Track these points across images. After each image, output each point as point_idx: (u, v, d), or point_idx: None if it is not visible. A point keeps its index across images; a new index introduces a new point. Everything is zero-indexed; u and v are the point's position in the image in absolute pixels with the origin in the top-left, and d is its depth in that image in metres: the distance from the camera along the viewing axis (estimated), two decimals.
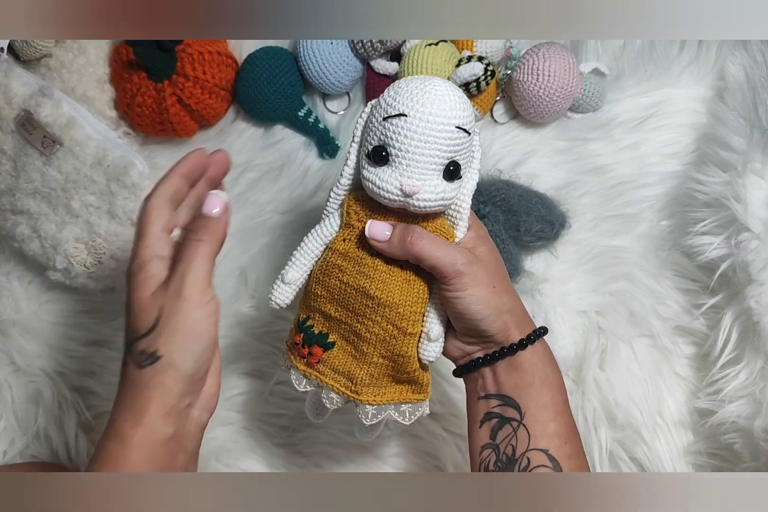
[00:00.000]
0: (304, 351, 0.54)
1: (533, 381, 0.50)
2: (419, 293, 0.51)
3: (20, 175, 0.73)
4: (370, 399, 0.52)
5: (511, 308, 0.51)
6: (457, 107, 0.47)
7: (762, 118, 0.67)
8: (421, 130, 0.47)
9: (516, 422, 0.50)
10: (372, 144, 0.49)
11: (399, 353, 0.52)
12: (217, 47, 0.75)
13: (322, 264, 0.52)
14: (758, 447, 0.61)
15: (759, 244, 0.62)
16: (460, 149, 0.48)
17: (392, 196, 0.48)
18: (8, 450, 0.75)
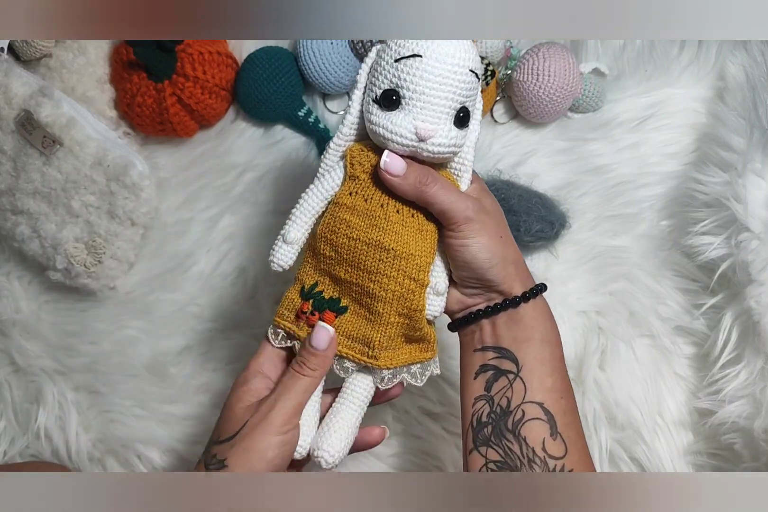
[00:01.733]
0: (313, 318, 0.50)
1: (533, 335, 0.50)
2: (432, 243, 0.50)
3: (20, 174, 0.73)
4: (387, 363, 0.50)
5: (515, 260, 0.51)
6: (470, 50, 0.47)
7: (762, 118, 0.67)
8: (438, 70, 0.46)
9: (513, 374, 0.49)
10: (381, 88, 0.47)
11: (416, 308, 0.49)
12: (217, 47, 0.75)
13: (328, 221, 0.49)
14: (758, 448, 0.61)
15: (759, 244, 0.62)
16: (472, 95, 0.48)
17: (405, 141, 0.47)
18: (8, 450, 0.76)
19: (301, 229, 0.51)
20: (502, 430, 0.48)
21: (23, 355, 0.76)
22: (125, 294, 0.77)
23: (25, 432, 0.76)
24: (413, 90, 0.46)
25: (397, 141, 0.47)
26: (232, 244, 0.77)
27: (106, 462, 0.75)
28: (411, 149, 0.47)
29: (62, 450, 0.75)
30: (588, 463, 0.49)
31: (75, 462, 0.75)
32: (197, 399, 0.75)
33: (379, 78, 0.47)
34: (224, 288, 0.76)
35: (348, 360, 0.51)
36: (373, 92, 0.48)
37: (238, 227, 0.77)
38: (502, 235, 0.50)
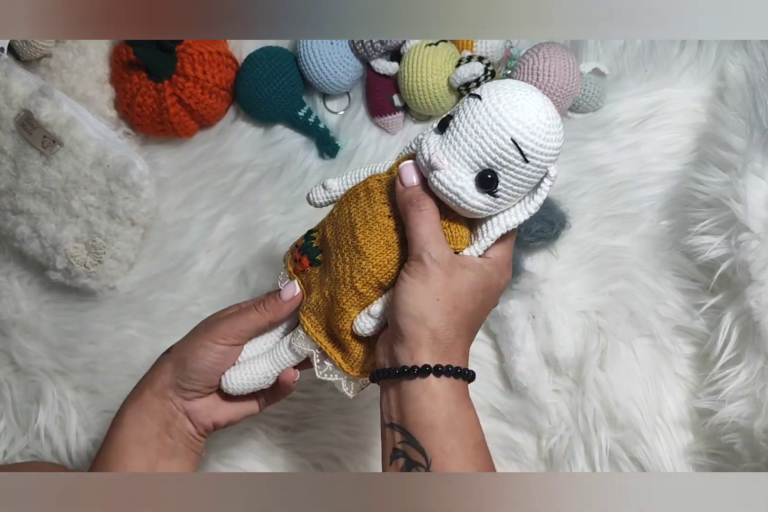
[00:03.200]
0: (297, 255, 0.56)
1: (434, 421, 0.46)
2: (389, 262, 0.50)
3: (20, 174, 0.73)
4: (308, 324, 0.53)
5: (438, 330, 0.46)
6: (528, 124, 0.44)
7: (762, 118, 0.67)
8: (480, 117, 0.45)
9: (423, 468, 0.45)
10: (449, 112, 0.48)
11: (338, 300, 0.51)
12: (217, 47, 0.75)
13: (350, 190, 0.54)
14: (758, 448, 0.61)
15: (759, 244, 0.62)
16: (506, 166, 0.46)
17: (422, 160, 0.48)
18: (8, 450, 0.76)
19: (341, 183, 0.56)
20: None
21: (23, 355, 0.76)
22: (125, 294, 0.77)
23: (25, 432, 0.76)
24: (456, 123, 0.46)
25: (418, 157, 0.48)
26: (232, 244, 0.77)
27: None
28: (425, 171, 0.48)
29: (62, 450, 0.75)
30: None
31: (75, 462, 0.75)
32: None
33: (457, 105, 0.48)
34: (224, 288, 0.76)
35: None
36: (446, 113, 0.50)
37: (238, 227, 0.77)
38: (440, 299, 0.47)
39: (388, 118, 0.76)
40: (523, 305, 0.71)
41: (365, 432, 0.72)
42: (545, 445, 0.70)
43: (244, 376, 0.55)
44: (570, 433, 0.69)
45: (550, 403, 0.70)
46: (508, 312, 0.71)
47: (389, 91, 0.75)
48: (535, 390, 0.69)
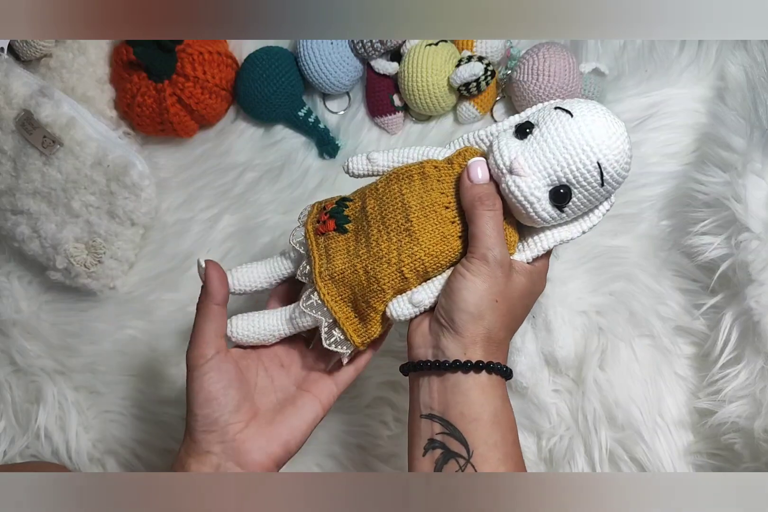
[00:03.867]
0: (323, 216, 0.54)
1: (481, 415, 0.47)
2: (441, 253, 0.50)
3: (20, 175, 0.73)
4: (324, 291, 0.52)
5: (493, 329, 0.48)
6: (614, 150, 0.46)
7: (762, 118, 0.67)
8: (570, 133, 0.46)
9: (463, 459, 0.46)
10: (528, 118, 0.49)
11: (378, 278, 0.51)
12: (217, 47, 0.75)
13: (402, 169, 0.53)
14: (758, 448, 0.61)
15: (759, 244, 0.62)
16: (583, 185, 0.47)
17: (500, 162, 0.48)
18: (8, 450, 0.76)
19: (386, 159, 0.55)
20: None
21: (23, 355, 0.76)
22: (125, 294, 0.77)
23: (25, 432, 0.76)
24: (542, 133, 0.47)
25: (495, 158, 0.48)
26: (232, 244, 0.77)
27: (105, 462, 0.75)
28: (498, 173, 0.48)
29: (62, 450, 0.75)
30: None
31: (75, 463, 0.75)
32: None
33: (536, 114, 0.50)
34: None
35: (310, 265, 0.54)
36: (522, 119, 0.51)
37: (238, 227, 0.77)
38: (499, 300, 0.48)
39: (388, 118, 0.76)
40: None
41: (366, 432, 0.72)
42: (545, 445, 0.70)
43: (251, 328, 0.55)
44: (570, 433, 0.69)
45: (550, 403, 0.70)
46: None
47: (389, 91, 0.75)
48: (535, 390, 0.69)
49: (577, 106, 0.47)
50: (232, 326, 0.55)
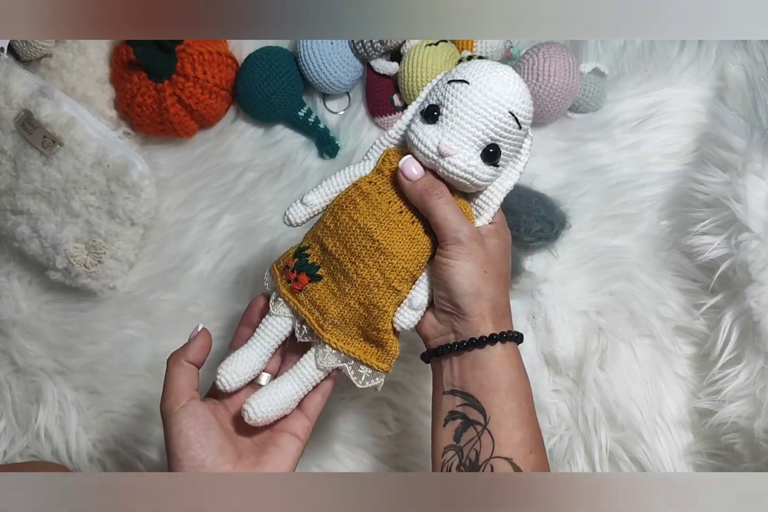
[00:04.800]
0: (291, 275, 0.54)
1: (498, 384, 0.49)
2: (418, 254, 0.52)
3: (20, 175, 0.73)
4: (333, 340, 0.52)
5: (494, 299, 0.51)
6: (517, 95, 0.50)
7: (762, 118, 0.67)
8: (476, 99, 0.49)
9: (480, 426, 0.49)
10: (429, 102, 0.51)
11: (376, 304, 0.52)
12: (217, 47, 0.75)
13: (341, 197, 0.54)
14: (759, 448, 0.61)
15: (759, 244, 0.62)
16: (506, 136, 0.50)
17: (427, 151, 0.50)
18: (8, 450, 0.76)
19: (320, 197, 0.55)
20: None
21: (23, 355, 0.76)
22: (125, 294, 0.77)
23: (25, 432, 0.76)
24: (450, 110, 0.50)
25: (421, 150, 0.51)
26: (232, 244, 0.77)
27: (106, 462, 0.75)
28: (430, 161, 0.51)
29: (62, 450, 0.75)
30: None
31: (75, 463, 0.75)
32: None
33: (432, 95, 0.52)
34: (224, 288, 0.76)
35: (306, 324, 0.54)
36: (423, 106, 0.52)
37: (238, 227, 0.77)
38: (488, 270, 0.51)
39: (388, 118, 0.76)
40: (523, 305, 0.71)
41: (366, 432, 0.72)
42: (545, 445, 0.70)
43: (272, 402, 0.52)
44: (570, 433, 0.69)
45: (550, 403, 0.70)
46: None
47: (389, 91, 0.75)
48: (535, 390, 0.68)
49: (467, 73, 0.50)
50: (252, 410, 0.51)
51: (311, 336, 0.54)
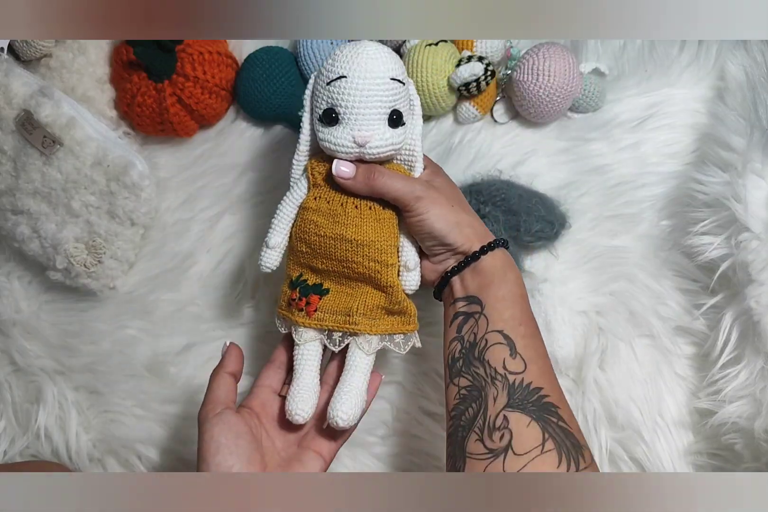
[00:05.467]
0: (301, 303, 0.58)
1: (492, 279, 0.56)
2: (390, 228, 0.57)
3: (20, 174, 0.73)
4: (366, 328, 0.57)
5: (471, 223, 0.58)
6: (388, 62, 0.54)
7: (762, 118, 0.67)
8: (361, 86, 0.53)
9: (478, 314, 0.55)
10: (321, 108, 0.55)
11: (387, 284, 0.57)
12: (217, 47, 0.75)
13: (300, 224, 0.58)
14: (759, 448, 0.61)
15: (759, 244, 0.62)
16: (399, 98, 0.55)
17: (348, 149, 0.55)
18: (8, 450, 0.76)
19: (280, 234, 0.59)
20: (470, 360, 0.54)
21: (23, 355, 0.76)
22: (125, 294, 0.77)
23: (25, 432, 0.76)
24: (345, 106, 0.54)
25: (341, 150, 0.55)
26: (232, 244, 0.77)
27: (106, 462, 0.75)
28: (356, 154, 0.55)
29: (62, 450, 0.75)
30: (549, 377, 0.53)
31: (75, 463, 0.75)
32: (197, 399, 0.75)
33: (318, 100, 0.55)
34: (224, 288, 0.76)
35: (335, 331, 0.58)
36: (317, 113, 0.56)
37: (238, 227, 0.77)
38: (453, 204, 0.57)
39: None
40: None
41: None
42: None
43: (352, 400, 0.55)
44: None
45: None
46: None
47: None
48: None
49: (340, 68, 0.54)
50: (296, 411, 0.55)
51: (345, 339, 0.58)
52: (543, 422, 0.49)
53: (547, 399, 0.51)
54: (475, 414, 0.51)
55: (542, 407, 0.50)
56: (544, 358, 0.54)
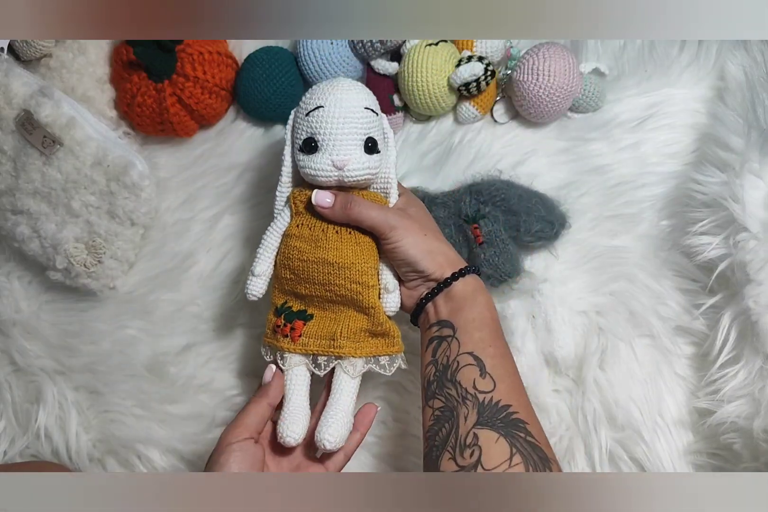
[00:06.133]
0: (286, 329, 0.60)
1: (463, 304, 0.58)
2: (369, 251, 0.60)
3: (20, 174, 0.73)
4: (350, 352, 0.59)
5: (443, 251, 0.60)
6: (362, 93, 0.59)
7: (760, 118, 0.67)
8: (337, 113, 0.57)
9: (450, 337, 0.57)
10: (301, 138, 0.59)
11: (368, 305, 0.59)
12: (217, 47, 0.75)
13: (283, 250, 0.61)
14: (758, 448, 0.61)
15: (757, 243, 0.62)
16: (373, 126, 0.59)
17: (327, 173, 0.58)
18: (8, 450, 0.76)
19: (266, 263, 0.62)
20: (443, 382, 0.55)
21: (23, 355, 0.76)
22: (125, 294, 0.77)
23: (25, 432, 0.76)
24: (323, 133, 0.58)
25: (321, 175, 0.58)
26: (232, 244, 0.77)
27: (106, 462, 0.75)
28: (336, 179, 0.58)
29: (62, 450, 0.75)
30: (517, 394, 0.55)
31: (75, 462, 0.75)
32: (197, 399, 0.75)
33: (298, 132, 0.59)
34: (224, 288, 0.76)
35: (319, 356, 0.60)
36: (297, 144, 0.60)
37: (238, 227, 0.77)
38: (426, 233, 0.60)
39: (388, 118, 0.76)
40: (523, 305, 0.71)
41: None
42: None
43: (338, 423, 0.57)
44: (570, 433, 0.69)
45: (550, 403, 0.70)
46: (508, 313, 0.71)
47: (389, 91, 0.75)
48: (535, 390, 0.69)
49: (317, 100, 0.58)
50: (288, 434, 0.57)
51: (330, 363, 0.60)
52: (511, 437, 0.51)
53: (515, 416, 0.52)
54: (448, 433, 0.53)
55: (510, 423, 0.52)
56: (513, 376, 0.56)
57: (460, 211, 0.70)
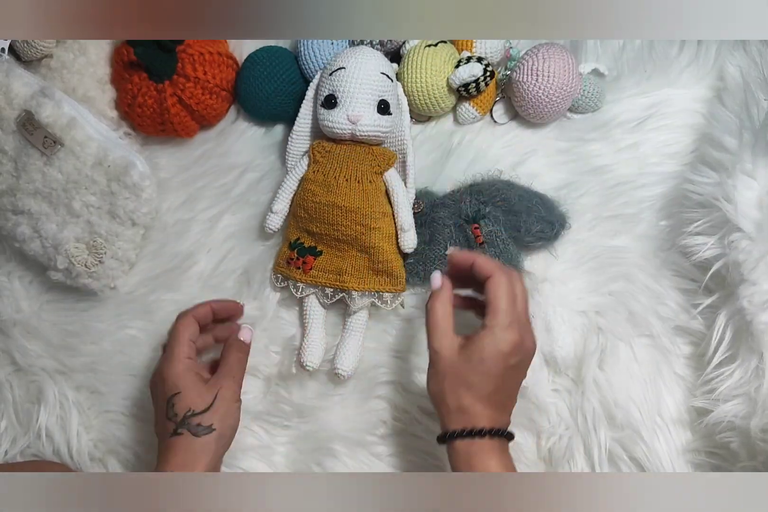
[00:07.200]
0: (298, 262, 0.70)
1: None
2: (375, 198, 0.68)
3: (21, 175, 0.73)
4: (355, 285, 0.68)
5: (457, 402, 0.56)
6: (381, 60, 0.69)
7: (753, 118, 0.67)
8: (356, 74, 0.67)
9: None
10: (324, 94, 0.68)
11: (370, 245, 0.68)
12: (218, 47, 0.75)
13: (300, 192, 0.70)
14: (755, 447, 0.61)
15: (750, 243, 0.62)
16: (387, 91, 0.68)
17: (343, 126, 0.67)
18: (9, 450, 0.76)
19: (283, 202, 0.72)
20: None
21: (24, 355, 0.76)
22: (126, 294, 0.77)
23: (27, 431, 0.76)
24: (342, 91, 0.67)
25: (337, 127, 0.67)
26: (233, 244, 0.77)
27: (107, 462, 0.75)
28: (349, 131, 0.68)
29: (63, 450, 0.75)
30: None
31: (76, 462, 0.75)
32: None
33: (321, 89, 0.69)
34: (224, 288, 0.76)
35: (327, 287, 0.70)
36: (319, 99, 0.69)
37: (238, 227, 0.77)
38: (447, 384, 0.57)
39: None
40: None
41: (366, 432, 0.72)
42: (544, 445, 0.70)
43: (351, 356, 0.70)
44: (569, 433, 0.69)
45: (549, 403, 0.70)
46: None
47: None
48: (534, 389, 0.69)
49: (340, 62, 0.68)
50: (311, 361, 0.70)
51: (336, 294, 0.69)
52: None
53: None
54: None
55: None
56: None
57: (460, 211, 0.70)
